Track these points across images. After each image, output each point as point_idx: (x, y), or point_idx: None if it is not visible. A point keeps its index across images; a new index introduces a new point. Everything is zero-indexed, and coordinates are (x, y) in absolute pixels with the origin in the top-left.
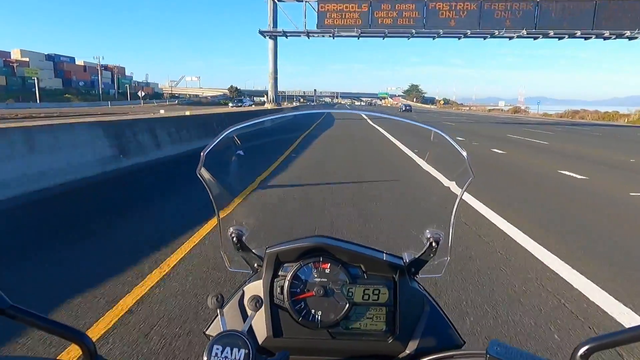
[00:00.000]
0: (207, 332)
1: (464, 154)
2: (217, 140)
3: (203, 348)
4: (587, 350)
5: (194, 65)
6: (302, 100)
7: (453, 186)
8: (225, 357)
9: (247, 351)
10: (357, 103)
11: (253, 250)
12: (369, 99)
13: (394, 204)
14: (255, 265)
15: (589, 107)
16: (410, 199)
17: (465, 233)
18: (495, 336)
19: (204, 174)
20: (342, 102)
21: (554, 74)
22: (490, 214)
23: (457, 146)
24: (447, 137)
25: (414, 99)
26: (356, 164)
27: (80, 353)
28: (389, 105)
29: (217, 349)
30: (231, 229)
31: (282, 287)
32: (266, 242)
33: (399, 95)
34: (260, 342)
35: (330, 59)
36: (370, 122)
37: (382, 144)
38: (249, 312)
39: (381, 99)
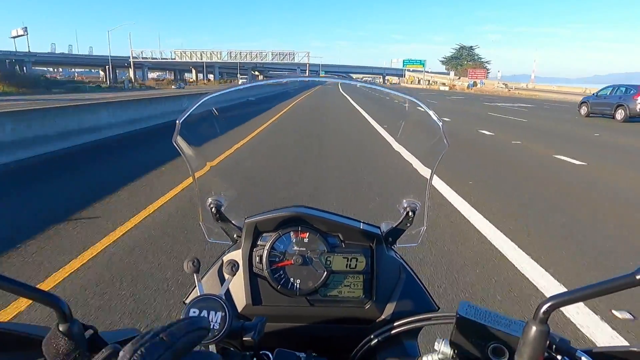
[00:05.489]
0: (186, 301)
1: (439, 123)
2: (193, 109)
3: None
4: (549, 307)
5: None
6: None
7: (427, 156)
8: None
9: (223, 314)
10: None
11: (232, 221)
12: (370, 76)
13: None
14: (235, 235)
15: (572, 85)
16: None
17: None
18: None
19: (180, 142)
20: (322, 78)
21: (536, 51)
22: None
23: (432, 114)
24: (421, 105)
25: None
26: None
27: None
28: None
29: (194, 312)
30: (210, 200)
31: (261, 256)
32: (245, 212)
33: (432, 73)
34: (239, 310)
35: (310, 35)
36: None
37: None
38: (226, 276)
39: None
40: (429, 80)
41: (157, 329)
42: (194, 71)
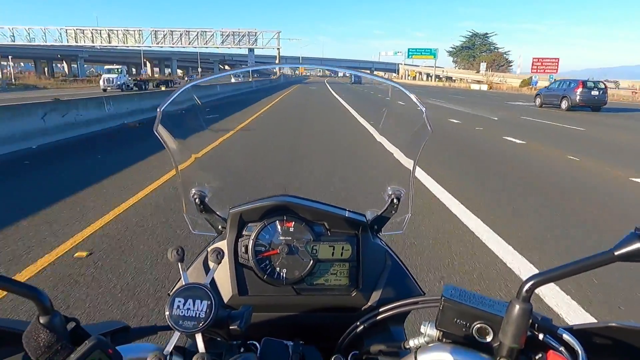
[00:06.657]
0: (171, 294)
1: (423, 108)
2: (175, 96)
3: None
4: (531, 285)
5: None
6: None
7: (411, 142)
8: (188, 309)
9: (209, 302)
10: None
11: (217, 212)
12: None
13: None
14: (220, 227)
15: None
16: None
17: None
18: None
19: (162, 131)
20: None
21: (520, 47)
22: None
23: (415, 99)
24: (404, 90)
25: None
26: None
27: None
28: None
29: (179, 301)
30: (193, 191)
31: (246, 247)
32: (229, 203)
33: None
34: (225, 301)
35: (290, 30)
36: None
37: None
38: (212, 265)
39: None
40: (439, 76)
41: None
42: (149, 65)
